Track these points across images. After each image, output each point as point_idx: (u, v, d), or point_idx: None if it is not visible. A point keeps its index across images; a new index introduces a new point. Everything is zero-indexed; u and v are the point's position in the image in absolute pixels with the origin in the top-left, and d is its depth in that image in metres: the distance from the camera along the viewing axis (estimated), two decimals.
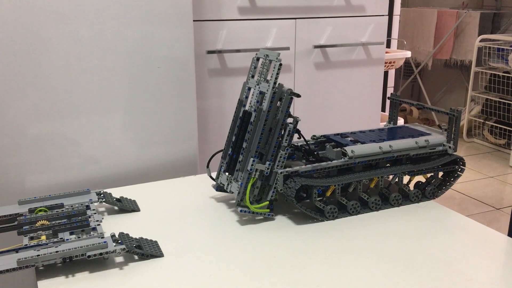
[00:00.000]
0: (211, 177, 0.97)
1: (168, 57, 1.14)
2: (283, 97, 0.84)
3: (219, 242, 0.80)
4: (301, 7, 1.52)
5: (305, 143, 0.96)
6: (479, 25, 3.33)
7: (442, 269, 0.72)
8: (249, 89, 0.92)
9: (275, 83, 0.84)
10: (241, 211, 0.86)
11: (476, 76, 3.32)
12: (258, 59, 0.91)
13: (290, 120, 0.86)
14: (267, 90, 0.85)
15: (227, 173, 0.91)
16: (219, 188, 0.95)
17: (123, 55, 1.09)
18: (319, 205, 0.87)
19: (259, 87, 0.88)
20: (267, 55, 0.88)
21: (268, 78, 0.87)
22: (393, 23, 2.64)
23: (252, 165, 0.84)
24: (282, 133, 0.84)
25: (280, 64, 0.83)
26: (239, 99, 0.92)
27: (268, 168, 0.84)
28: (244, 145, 0.86)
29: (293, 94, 0.83)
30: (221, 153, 0.95)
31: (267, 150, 0.85)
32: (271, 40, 1.50)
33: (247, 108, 0.91)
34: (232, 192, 0.89)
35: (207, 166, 0.97)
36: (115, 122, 1.12)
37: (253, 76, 0.92)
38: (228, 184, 0.91)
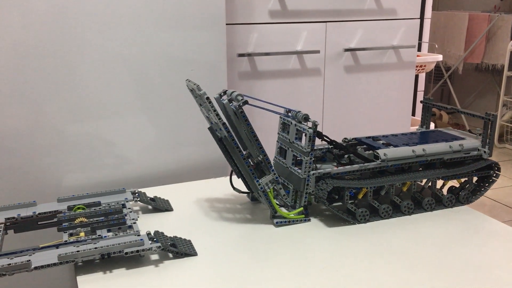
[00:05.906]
0: (242, 192, 0.97)
1: (200, 60, 1.16)
2: (237, 112, 0.82)
3: (252, 242, 0.81)
4: (331, 11, 1.52)
5: (331, 145, 0.95)
6: (511, 29, 3.26)
7: (479, 274, 0.71)
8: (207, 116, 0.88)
9: (216, 115, 0.80)
10: (277, 222, 0.87)
11: (509, 81, 3.25)
12: (191, 90, 0.86)
13: (309, 124, 0.85)
14: (216, 122, 0.82)
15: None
16: (253, 198, 0.97)
17: (157, 58, 1.11)
18: (351, 207, 0.87)
19: (209, 118, 0.85)
20: (193, 89, 0.84)
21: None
22: (424, 26, 2.61)
23: (259, 184, 0.84)
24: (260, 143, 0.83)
25: (207, 98, 0.79)
26: (208, 128, 0.89)
27: (275, 174, 0.85)
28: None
29: (242, 105, 0.80)
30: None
31: (260, 157, 0.84)
32: (301, 43, 1.51)
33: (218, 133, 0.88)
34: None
35: (233, 189, 0.96)
36: (149, 123, 1.14)
37: (201, 105, 0.87)
38: (259, 198, 0.92)
